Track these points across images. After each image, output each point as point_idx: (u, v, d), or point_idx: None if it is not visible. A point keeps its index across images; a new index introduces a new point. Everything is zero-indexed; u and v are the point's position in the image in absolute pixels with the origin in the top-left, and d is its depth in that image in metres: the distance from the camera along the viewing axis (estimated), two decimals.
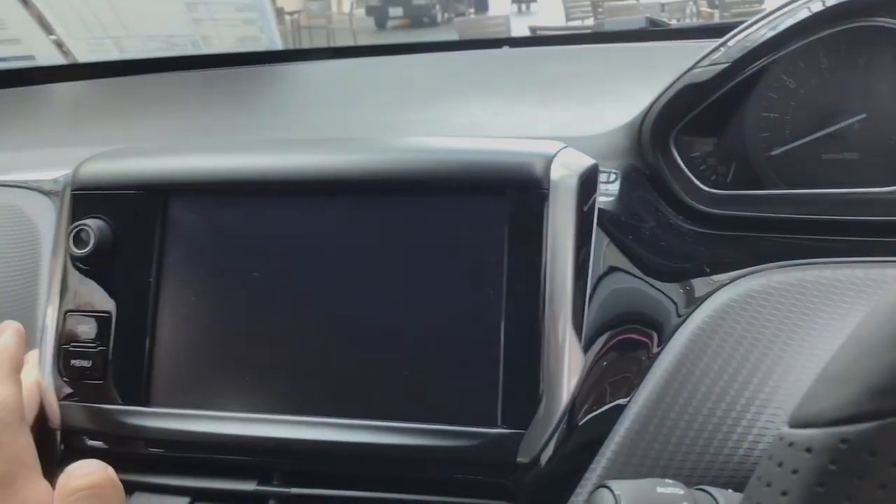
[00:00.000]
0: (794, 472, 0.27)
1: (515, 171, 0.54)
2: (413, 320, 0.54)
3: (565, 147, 0.57)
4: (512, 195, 0.53)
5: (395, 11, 11.94)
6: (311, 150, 0.60)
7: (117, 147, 0.65)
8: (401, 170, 0.56)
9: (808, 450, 0.27)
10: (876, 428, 0.26)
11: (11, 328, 0.55)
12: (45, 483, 0.48)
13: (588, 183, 0.56)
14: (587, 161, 0.57)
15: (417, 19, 11.95)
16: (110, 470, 0.47)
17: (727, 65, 0.64)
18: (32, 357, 0.60)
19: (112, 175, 0.60)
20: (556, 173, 0.54)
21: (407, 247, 0.55)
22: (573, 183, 0.54)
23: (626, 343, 0.56)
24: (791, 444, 0.28)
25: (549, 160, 0.54)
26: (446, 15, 12.22)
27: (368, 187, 0.56)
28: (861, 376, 0.27)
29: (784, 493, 0.27)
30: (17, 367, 0.53)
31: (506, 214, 0.53)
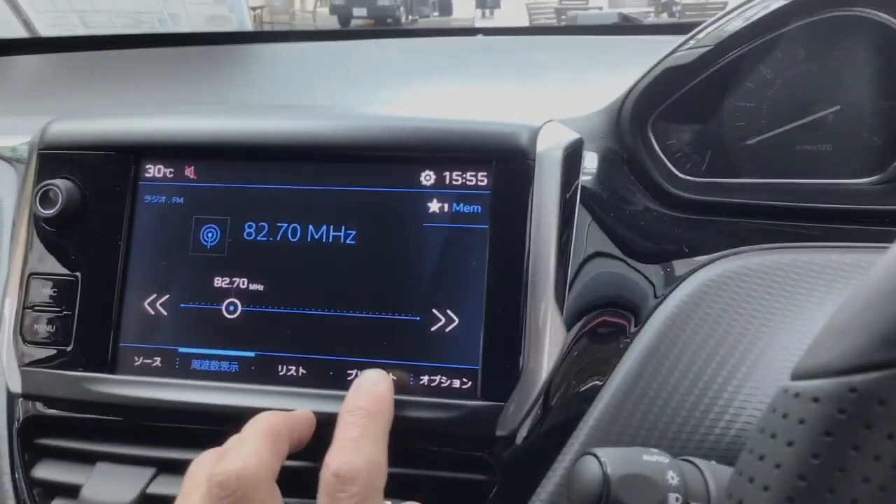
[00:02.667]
0: (801, 422, 0.27)
1: (502, 142, 0.53)
2: (394, 289, 0.53)
3: (551, 121, 0.56)
4: (498, 165, 0.53)
5: (360, 12, 11.90)
6: (289, 115, 0.59)
7: None
8: (384, 137, 0.55)
9: (816, 399, 0.27)
10: (886, 377, 0.26)
11: (386, 378, 0.49)
12: None
13: (573, 156, 0.56)
14: (573, 135, 0.57)
15: (381, 20, 11.93)
16: None
17: (710, 48, 0.64)
18: None
19: (82, 135, 0.58)
20: (542, 145, 0.53)
21: (389, 215, 0.54)
22: (559, 155, 0.54)
23: (604, 322, 0.56)
24: (797, 395, 0.28)
25: (536, 132, 0.54)
26: (410, 17, 12.23)
27: (349, 154, 0.55)
28: (868, 326, 0.27)
29: (790, 444, 0.27)
30: (389, 428, 0.48)
31: (491, 184, 0.53)
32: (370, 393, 0.47)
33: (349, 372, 0.53)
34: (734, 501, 0.28)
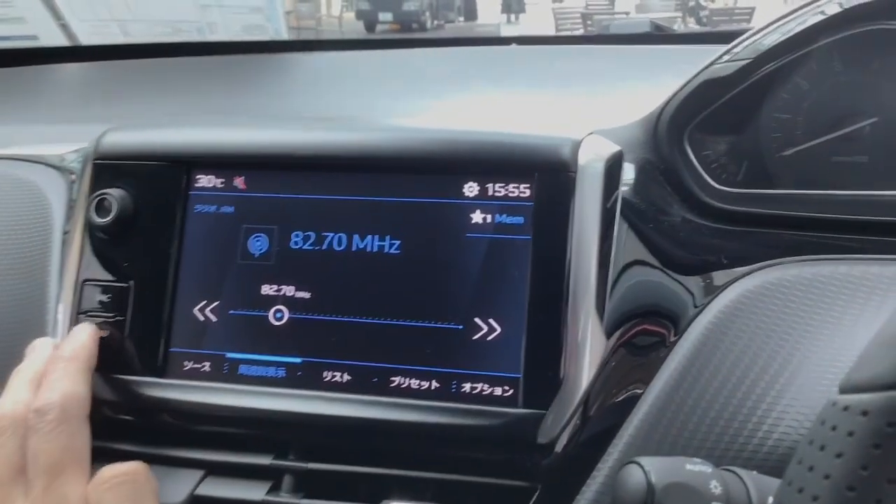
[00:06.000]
0: (850, 434, 0.28)
1: (544, 154, 0.54)
2: (437, 298, 0.55)
3: (592, 133, 0.57)
4: (540, 177, 0.54)
5: (385, 16, 11.96)
6: (336, 127, 0.60)
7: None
8: (429, 149, 0.56)
9: (864, 413, 0.28)
10: None
11: (90, 329, 0.56)
12: (88, 480, 0.48)
13: (614, 168, 0.57)
14: (613, 147, 0.58)
15: (407, 25, 11.97)
16: (143, 465, 0.49)
17: (749, 61, 0.64)
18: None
19: (135, 145, 0.60)
20: (583, 157, 0.54)
21: (432, 225, 0.55)
22: (600, 167, 0.55)
23: (643, 331, 0.57)
24: (846, 409, 0.28)
25: (578, 144, 0.55)
26: (436, 22, 12.27)
27: (394, 165, 0.57)
28: None
29: (839, 455, 0.28)
30: (91, 367, 0.54)
31: (533, 196, 0.54)
32: (70, 340, 0.55)
33: (392, 379, 0.54)
34: None
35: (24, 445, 0.49)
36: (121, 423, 0.58)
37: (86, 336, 0.55)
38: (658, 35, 1.21)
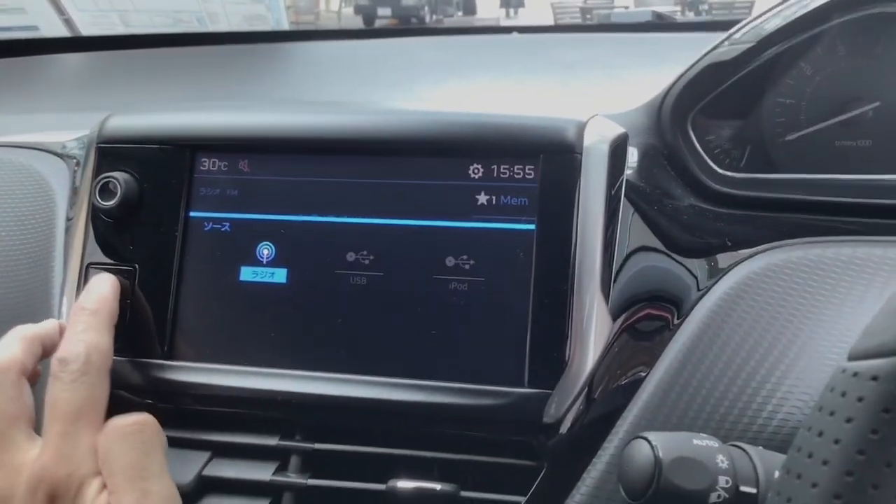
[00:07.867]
0: (860, 399, 0.28)
1: (549, 135, 0.54)
2: (442, 279, 0.55)
3: (596, 115, 0.57)
4: (545, 159, 0.54)
5: (384, 11, 11.96)
6: (340, 110, 0.60)
7: None
8: (434, 131, 0.56)
9: (874, 378, 0.28)
10: None
11: (110, 280, 0.56)
12: (100, 430, 0.49)
13: (619, 151, 0.57)
14: (618, 129, 0.58)
15: (406, 20, 11.97)
16: (152, 417, 0.49)
17: (751, 45, 0.65)
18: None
19: (139, 129, 0.60)
20: (588, 139, 0.54)
21: (438, 208, 0.55)
22: (605, 149, 0.55)
23: (648, 314, 0.57)
24: (855, 375, 0.28)
25: (583, 126, 0.55)
26: (434, 16, 12.28)
27: (398, 148, 0.57)
28: None
29: (849, 420, 0.28)
30: (113, 319, 0.55)
31: (538, 178, 0.54)
32: (92, 293, 0.55)
33: (398, 358, 0.54)
34: (793, 477, 0.29)
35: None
36: (127, 405, 0.58)
37: (107, 288, 0.56)
38: (660, 23, 1.21)
